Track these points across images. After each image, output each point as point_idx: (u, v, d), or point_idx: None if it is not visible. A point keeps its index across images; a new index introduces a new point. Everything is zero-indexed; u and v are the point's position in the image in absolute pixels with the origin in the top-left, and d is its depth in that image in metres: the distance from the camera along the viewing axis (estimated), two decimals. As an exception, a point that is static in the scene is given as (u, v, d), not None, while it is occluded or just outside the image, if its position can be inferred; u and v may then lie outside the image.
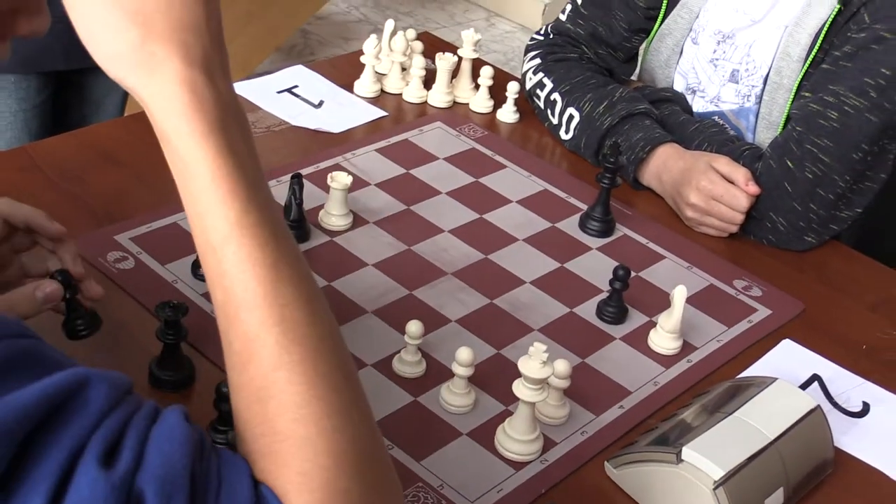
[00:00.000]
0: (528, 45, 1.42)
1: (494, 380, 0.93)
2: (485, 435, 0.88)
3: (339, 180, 1.10)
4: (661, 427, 0.88)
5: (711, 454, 0.80)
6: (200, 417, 0.83)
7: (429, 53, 1.40)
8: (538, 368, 0.83)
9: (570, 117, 1.31)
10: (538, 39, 1.41)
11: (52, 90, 1.50)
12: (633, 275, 1.06)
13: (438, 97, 1.38)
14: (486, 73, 1.36)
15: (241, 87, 1.34)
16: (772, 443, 0.83)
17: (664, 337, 1.01)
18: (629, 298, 1.05)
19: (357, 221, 1.13)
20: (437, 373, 0.94)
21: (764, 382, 0.90)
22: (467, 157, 1.28)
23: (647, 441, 0.86)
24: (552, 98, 1.33)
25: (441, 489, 0.83)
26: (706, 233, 1.21)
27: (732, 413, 0.85)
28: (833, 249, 1.22)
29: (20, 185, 1.09)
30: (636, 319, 1.05)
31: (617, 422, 0.92)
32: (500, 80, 1.39)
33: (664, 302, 1.02)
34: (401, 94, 1.39)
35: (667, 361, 1.00)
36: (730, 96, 1.30)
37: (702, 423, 0.85)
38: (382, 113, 1.35)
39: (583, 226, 1.18)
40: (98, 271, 0.99)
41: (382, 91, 1.39)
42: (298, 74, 1.40)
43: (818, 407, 0.88)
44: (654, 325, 1.02)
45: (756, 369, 1.00)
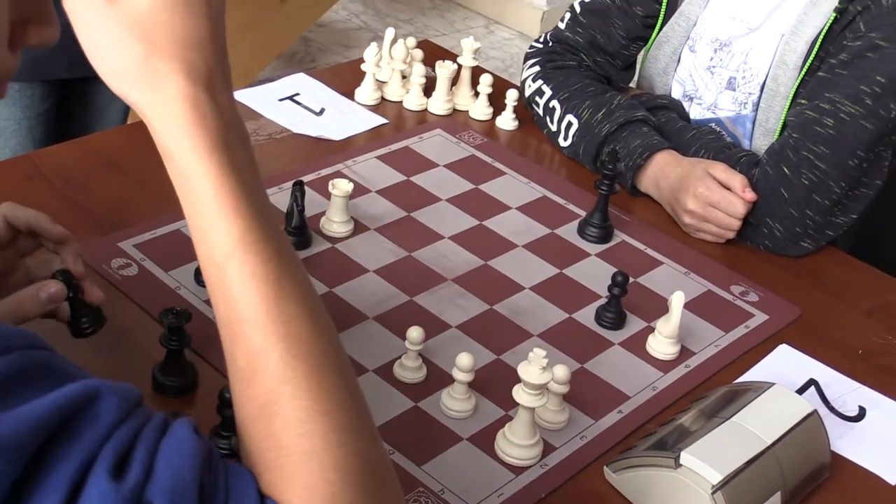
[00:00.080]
0: (527, 52, 1.43)
1: (494, 385, 0.94)
2: (485, 440, 0.89)
3: (341, 187, 1.10)
4: (659, 432, 0.88)
5: (709, 459, 0.81)
6: (203, 423, 0.82)
7: (429, 61, 1.40)
8: (538, 374, 0.84)
9: (569, 124, 1.31)
10: (537, 47, 1.41)
11: (57, 98, 1.50)
12: (631, 280, 1.06)
13: (438, 105, 1.38)
14: (485, 81, 1.37)
15: (242, 95, 1.35)
16: (769, 447, 0.84)
17: (662, 342, 1.01)
18: (627, 304, 1.05)
19: (358, 228, 1.13)
20: (437, 378, 0.94)
21: (761, 387, 0.90)
22: (467, 164, 1.29)
23: (645, 446, 0.86)
24: (551, 105, 1.34)
25: (442, 494, 0.83)
26: (703, 239, 1.21)
27: (730, 418, 0.85)
28: (829, 255, 1.23)
29: (25, 193, 1.10)
30: (634, 325, 1.05)
31: (616, 427, 0.93)
32: (500, 87, 1.39)
33: (662, 307, 1.03)
34: (401, 102, 1.39)
35: (665, 366, 1.00)
36: (727, 103, 1.31)
37: (700, 428, 0.85)
38: (383, 120, 1.35)
39: (581, 232, 1.18)
40: (102, 278, 0.99)
41: (383, 99, 1.39)
42: (300, 82, 1.41)
43: (815, 411, 0.89)
44: (652, 330, 1.03)
45: (753, 374, 1.01)
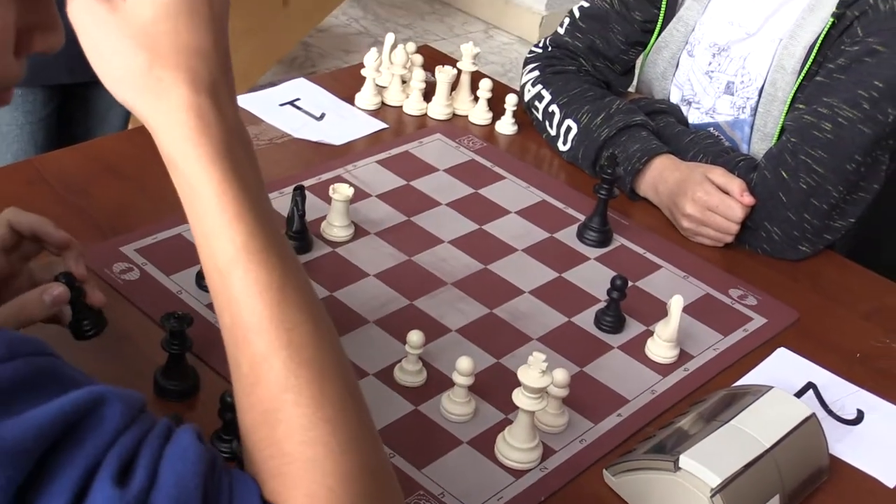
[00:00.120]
0: (526, 57, 1.43)
1: (494, 389, 0.94)
2: (485, 443, 0.89)
3: (341, 192, 1.11)
4: (658, 435, 0.88)
5: (708, 462, 0.81)
6: (205, 427, 0.82)
7: (428, 66, 1.41)
8: (537, 378, 0.84)
9: (568, 129, 1.32)
10: (537, 52, 1.42)
11: (58, 103, 1.50)
12: (630, 284, 1.06)
13: (438, 109, 1.39)
14: (484, 86, 1.37)
15: (243, 100, 1.35)
16: (768, 450, 0.84)
17: (661, 346, 1.02)
18: (626, 308, 1.06)
19: (358, 232, 1.14)
20: (437, 382, 0.94)
21: (759, 391, 0.90)
22: (467, 168, 1.29)
23: (644, 449, 0.86)
24: (550, 110, 1.34)
25: (442, 497, 0.84)
26: (702, 243, 1.22)
27: (729, 421, 0.86)
28: (827, 259, 1.23)
29: (28, 198, 1.10)
30: (633, 328, 1.06)
31: (615, 430, 0.93)
32: (499, 92, 1.40)
33: (661, 311, 1.03)
34: (401, 107, 1.40)
35: (664, 370, 1.01)
36: (725, 108, 1.31)
37: (699, 432, 0.85)
38: (383, 125, 1.36)
39: (580, 236, 1.19)
40: (104, 282, 1.00)
41: (383, 103, 1.40)
42: (300, 87, 1.41)
43: (813, 415, 0.89)
44: (651, 334, 1.03)
45: (752, 377, 1.01)
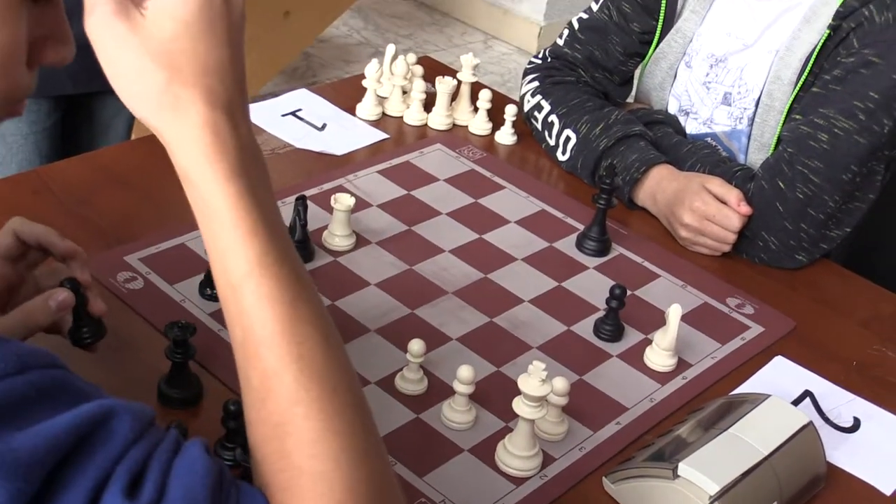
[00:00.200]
0: (526, 68, 1.44)
1: (494, 397, 0.95)
2: (485, 451, 0.90)
3: (343, 202, 1.11)
4: (657, 443, 0.89)
5: (707, 469, 0.82)
6: (208, 435, 0.83)
7: (429, 77, 1.41)
8: (537, 386, 0.85)
9: (567, 139, 1.33)
10: (536, 63, 1.43)
11: (62, 113, 1.51)
12: (629, 293, 1.07)
13: (438, 120, 1.40)
14: (484, 97, 1.38)
15: (245, 111, 1.36)
16: (766, 458, 0.84)
17: (660, 354, 1.02)
18: (625, 316, 1.07)
19: (360, 242, 1.14)
20: (438, 390, 0.95)
21: (757, 399, 0.91)
22: (467, 178, 1.30)
23: (643, 457, 0.87)
24: (549, 120, 1.35)
25: (443, 504, 0.84)
26: (700, 252, 1.22)
27: (727, 429, 0.86)
28: (824, 268, 1.24)
29: (33, 208, 1.11)
30: (632, 337, 1.06)
31: (614, 438, 0.93)
32: (499, 102, 1.41)
33: (659, 320, 1.04)
34: (402, 117, 1.40)
35: (662, 378, 1.01)
36: (722, 118, 1.33)
37: (697, 439, 0.86)
38: (384, 135, 1.37)
39: (580, 245, 1.19)
40: (108, 291, 1.00)
41: (384, 114, 1.40)
42: (302, 98, 1.42)
43: (810, 423, 0.89)
44: (649, 342, 1.04)
45: (749, 386, 1.02)
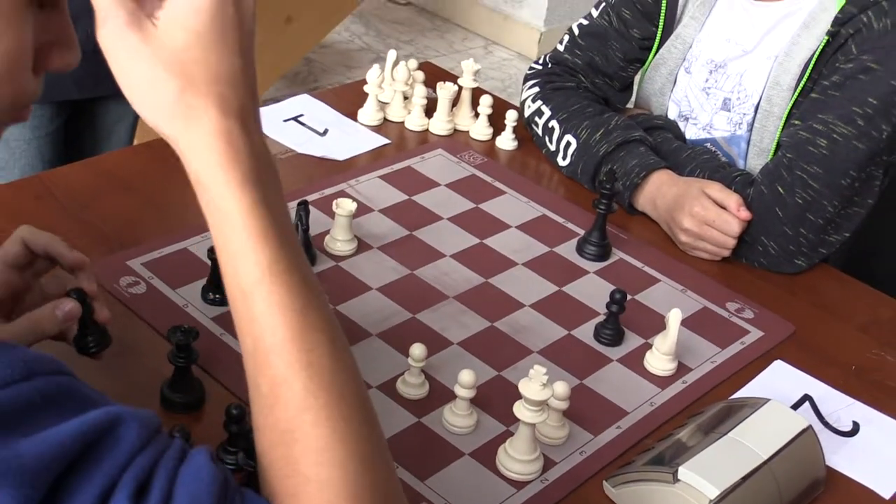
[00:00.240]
0: (526, 74, 1.45)
1: (495, 401, 0.95)
2: (487, 455, 0.90)
3: (344, 206, 1.12)
4: (657, 447, 0.89)
5: (707, 474, 0.82)
6: (211, 439, 0.84)
7: (430, 83, 1.42)
8: (538, 390, 0.85)
9: (568, 144, 1.33)
10: (537, 69, 1.43)
11: (65, 118, 1.51)
12: (629, 298, 1.07)
13: (439, 125, 1.40)
14: (485, 102, 1.39)
15: (247, 116, 1.37)
16: (765, 462, 0.85)
17: (660, 358, 1.03)
18: (625, 321, 1.07)
19: (361, 247, 1.15)
20: (439, 394, 0.95)
21: (757, 403, 0.91)
22: (467, 183, 1.31)
23: (644, 461, 0.87)
24: (550, 125, 1.36)
25: (445, 507, 0.85)
26: (699, 257, 1.23)
27: (727, 433, 0.86)
28: (823, 272, 1.24)
29: (36, 213, 1.11)
30: (632, 341, 1.07)
31: (615, 442, 0.94)
32: (500, 108, 1.41)
33: (659, 324, 1.04)
34: (403, 123, 1.41)
35: (662, 382, 1.02)
36: (722, 124, 1.33)
37: (697, 444, 0.86)
38: (385, 141, 1.37)
39: (580, 250, 1.20)
40: (111, 296, 1.01)
41: (385, 119, 1.41)
42: (304, 103, 1.43)
43: (810, 427, 0.90)
44: (649, 347, 1.04)
45: (749, 390, 1.02)
